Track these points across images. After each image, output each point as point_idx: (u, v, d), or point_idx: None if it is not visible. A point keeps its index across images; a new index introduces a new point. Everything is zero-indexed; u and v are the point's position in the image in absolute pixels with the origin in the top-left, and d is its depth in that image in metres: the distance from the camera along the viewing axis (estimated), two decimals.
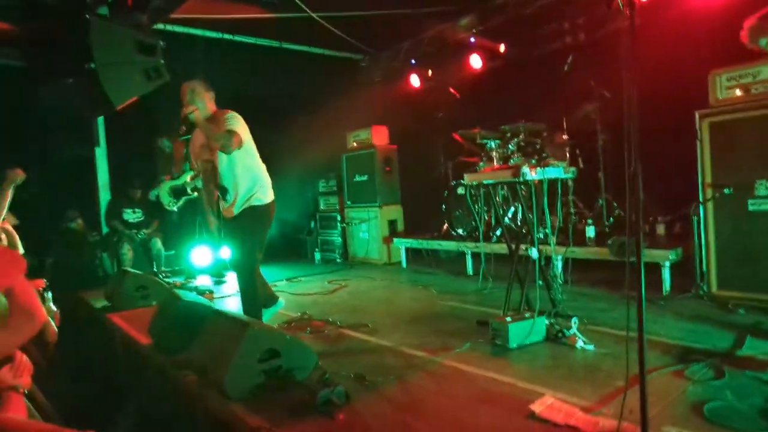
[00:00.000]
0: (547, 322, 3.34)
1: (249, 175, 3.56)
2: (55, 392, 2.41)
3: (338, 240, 7.74)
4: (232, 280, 6.61)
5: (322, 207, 8.14)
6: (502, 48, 6.92)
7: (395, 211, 7.36)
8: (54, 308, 2.79)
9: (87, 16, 5.22)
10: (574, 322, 3.26)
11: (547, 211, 3.59)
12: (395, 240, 6.95)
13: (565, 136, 5.49)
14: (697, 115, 3.95)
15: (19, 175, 3.61)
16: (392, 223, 7.29)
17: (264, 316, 3.66)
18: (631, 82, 1.52)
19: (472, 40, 7.07)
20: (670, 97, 4.50)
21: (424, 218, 7.26)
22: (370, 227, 7.24)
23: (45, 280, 3.53)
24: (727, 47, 2.75)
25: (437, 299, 4.76)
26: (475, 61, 7.14)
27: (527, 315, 3.32)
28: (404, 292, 5.21)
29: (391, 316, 4.19)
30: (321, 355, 2.99)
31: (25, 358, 1.73)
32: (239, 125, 3.41)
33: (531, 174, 3.31)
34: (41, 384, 2.20)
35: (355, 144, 7.71)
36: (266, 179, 3.70)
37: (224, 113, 3.50)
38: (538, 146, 5.20)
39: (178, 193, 5.84)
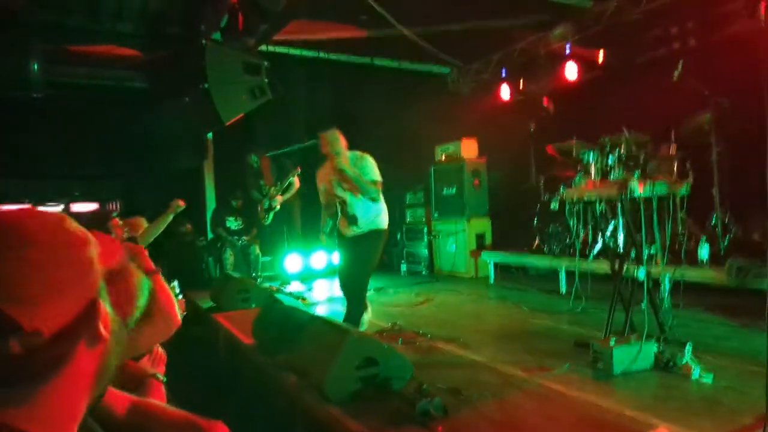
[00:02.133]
0: (655, 348, 3.12)
1: (375, 204, 4.08)
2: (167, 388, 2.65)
3: (424, 252, 7.77)
4: (319, 288, 6.87)
5: (408, 219, 8.22)
6: (600, 57, 6.63)
7: (483, 225, 7.26)
8: (180, 296, 3.07)
9: (203, 42, 5.78)
10: (688, 350, 3.01)
11: (656, 229, 3.38)
12: (483, 254, 6.84)
13: (673, 149, 5.14)
14: None
15: (180, 205, 4.00)
16: (480, 237, 7.20)
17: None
18: None
19: (568, 50, 6.85)
20: None
21: (513, 233, 7.09)
22: (457, 240, 7.20)
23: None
24: None
25: (528, 317, 4.61)
26: (571, 72, 6.89)
27: (633, 339, 3.12)
28: (493, 308, 5.11)
29: (481, 331, 4.13)
30: (414, 366, 3.01)
31: (160, 349, 1.92)
32: (376, 170, 4.02)
33: (639, 190, 3.13)
34: None
35: (443, 157, 7.73)
36: (385, 207, 4.20)
37: (361, 157, 4.10)
38: (641, 159, 4.92)
39: (269, 209, 6.24)
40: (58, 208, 10.02)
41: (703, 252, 4.49)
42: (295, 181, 6.48)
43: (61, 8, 5.73)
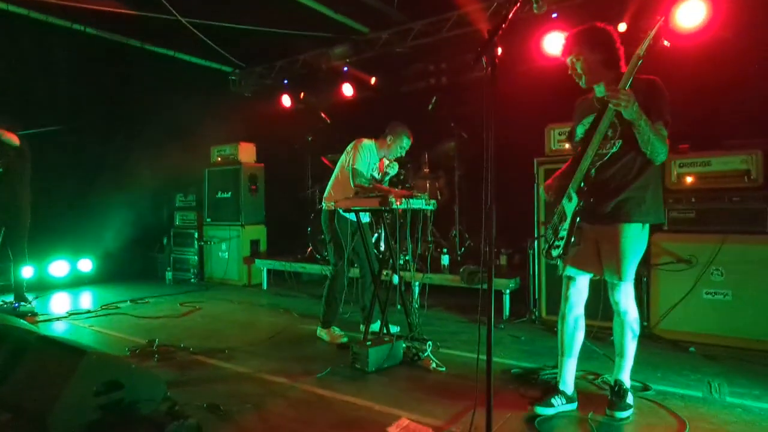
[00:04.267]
0: (404, 345, 3.51)
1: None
2: None
3: (194, 258, 7.24)
4: (59, 301, 5.77)
5: (177, 222, 7.57)
6: (372, 81, 7.25)
7: (258, 231, 7.15)
8: None
9: None
10: (428, 346, 3.48)
11: (409, 239, 3.81)
12: (257, 261, 6.73)
13: (426, 170, 5.93)
14: (535, 162, 4.55)
15: None
16: (255, 243, 7.06)
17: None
18: (490, 134, 1.72)
19: (345, 69, 7.31)
20: (517, 144, 5.09)
21: (288, 240, 7.16)
22: (230, 246, 6.92)
23: None
24: (561, 104, 3.22)
25: (298, 323, 4.70)
26: (347, 90, 7.37)
27: (386, 339, 3.45)
28: (264, 316, 5.05)
29: (249, 341, 4.03)
30: (171, 385, 2.75)
31: None
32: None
33: (397, 203, 3.49)
34: None
35: (219, 159, 7.37)
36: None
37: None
38: (402, 176, 5.54)
39: None
40: None
41: (445, 260, 5.27)
42: (10, 136, 4.96)
43: None
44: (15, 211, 5.00)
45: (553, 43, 5.39)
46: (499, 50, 1.90)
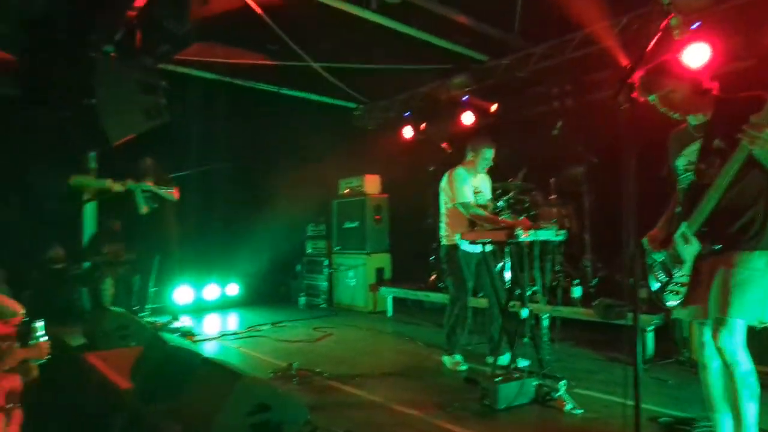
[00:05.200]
0: (535, 382, 3.36)
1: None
2: None
3: (324, 285, 7.70)
4: (211, 323, 6.50)
5: (309, 251, 8.13)
6: (493, 108, 7.21)
7: (383, 260, 7.40)
8: (45, 338, 2.71)
9: (93, 55, 5.36)
10: (562, 385, 3.29)
11: (537, 270, 3.69)
12: (382, 288, 6.95)
13: (552, 197, 5.69)
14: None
15: None
16: (380, 271, 7.31)
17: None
18: (629, 171, 1.63)
19: (465, 98, 7.38)
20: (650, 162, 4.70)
21: (411, 268, 7.30)
22: (357, 274, 7.24)
23: (22, 313, 3.42)
24: None
25: (423, 352, 4.74)
26: (467, 118, 7.41)
27: (517, 375, 3.33)
28: (390, 344, 5.18)
29: (378, 368, 4.15)
30: (309, 409, 2.94)
31: (18, 411, 1.69)
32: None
33: (524, 236, 3.41)
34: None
35: (347, 190, 7.82)
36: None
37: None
38: (527, 204, 5.39)
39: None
40: None
41: (576, 291, 4.97)
42: (173, 192, 5.91)
43: None
44: (166, 243, 5.82)
45: (695, 54, 4.91)
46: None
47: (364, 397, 3.42)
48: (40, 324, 2.83)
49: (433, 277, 6.47)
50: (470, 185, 4.18)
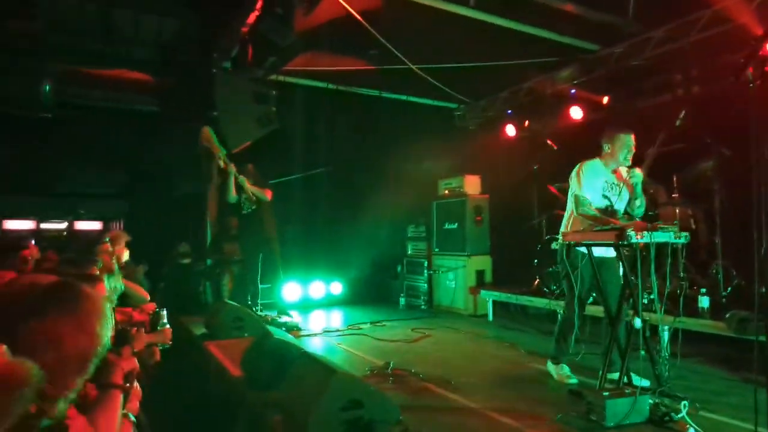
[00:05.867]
0: (651, 401, 3.03)
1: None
2: (151, 414, 2.59)
3: (424, 286, 7.70)
4: (316, 319, 6.80)
5: (409, 252, 8.18)
6: (605, 100, 6.69)
7: (484, 262, 7.20)
8: (167, 326, 3.05)
9: (214, 70, 5.91)
10: (684, 405, 2.92)
11: (653, 277, 3.33)
12: (482, 291, 6.77)
13: (675, 195, 5.12)
14: None
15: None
16: (480, 274, 7.13)
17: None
18: (760, 159, 1.40)
19: (573, 91, 6.93)
20: None
21: (513, 271, 7.02)
22: (457, 276, 7.14)
23: (155, 304, 3.85)
24: None
25: (525, 360, 4.52)
26: (576, 113, 6.95)
27: (628, 391, 3.03)
28: (490, 348, 5.01)
29: (475, 373, 4.04)
30: (402, 409, 2.93)
31: (137, 386, 1.88)
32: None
33: (637, 237, 3.10)
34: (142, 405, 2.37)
35: (446, 192, 7.74)
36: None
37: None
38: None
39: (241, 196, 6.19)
40: (63, 225, 10.11)
41: (704, 301, 4.41)
42: (266, 193, 6.24)
43: (78, 32, 5.90)
44: (267, 240, 6.17)
45: None
46: None
47: (459, 402, 3.34)
48: (164, 313, 3.17)
49: (536, 281, 6.15)
50: (599, 179, 3.84)
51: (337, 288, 7.93)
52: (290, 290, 7.34)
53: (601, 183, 3.82)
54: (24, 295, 1.08)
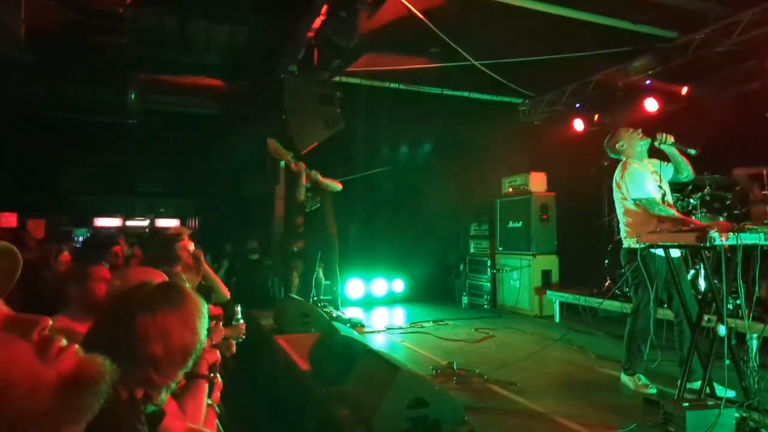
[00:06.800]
0: (737, 414, 2.82)
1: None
2: (227, 403, 2.74)
3: (487, 285, 7.58)
4: (379, 316, 6.88)
5: (472, 250, 8.09)
6: (684, 91, 6.27)
7: (550, 261, 6.98)
8: (241, 320, 3.22)
9: (282, 74, 6.12)
10: None
11: (740, 280, 3.10)
12: (549, 292, 6.56)
13: (765, 192, 4.72)
14: None
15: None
16: (546, 274, 6.92)
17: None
18: None
19: (648, 82, 6.54)
20: None
21: (582, 272, 6.75)
22: (521, 276, 6.97)
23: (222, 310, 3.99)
24: None
25: (595, 364, 4.34)
26: (651, 105, 6.57)
27: (711, 403, 2.84)
28: (557, 351, 4.86)
29: (541, 376, 3.94)
30: (467, 410, 2.92)
31: (219, 379, 2.00)
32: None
33: (721, 239, 2.89)
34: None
35: (510, 189, 7.58)
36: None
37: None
38: (728, 202, 4.58)
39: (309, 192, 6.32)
40: (146, 222, 10.87)
41: None
42: (336, 183, 6.36)
43: (158, 43, 6.31)
44: (327, 238, 6.26)
45: None
46: None
47: (525, 405, 3.27)
48: (239, 308, 3.34)
49: (608, 283, 5.89)
50: (650, 178, 3.69)
51: (399, 285, 7.98)
52: (354, 287, 7.48)
53: (651, 181, 3.64)
54: (139, 291, 1.19)
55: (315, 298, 6.46)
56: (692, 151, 3.65)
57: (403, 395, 2.68)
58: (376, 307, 7.43)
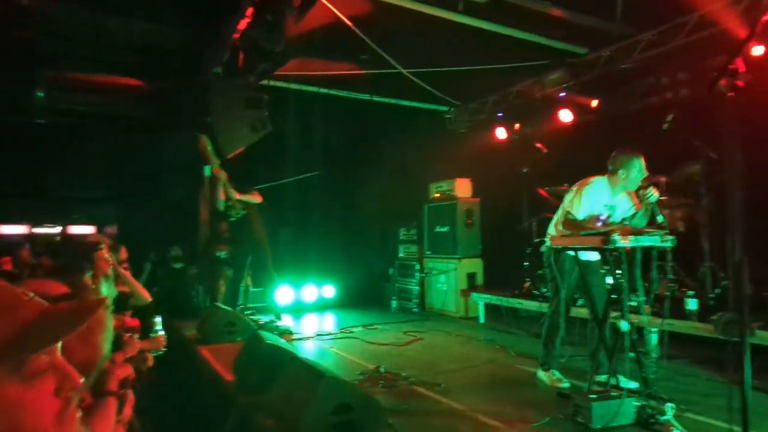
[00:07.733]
0: (637, 403, 3.07)
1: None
2: (144, 417, 2.60)
3: (416, 289, 7.73)
4: (309, 322, 6.81)
5: (401, 254, 8.21)
6: (594, 103, 6.76)
7: (475, 265, 7.24)
8: (161, 332, 3.06)
9: (206, 76, 5.91)
10: (670, 408, 2.97)
11: (639, 279, 3.37)
12: (473, 294, 6.81)
13: (663, 198, 5.18)
14: None
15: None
16: (471, 277, 7.17)
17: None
18: (733, 170, 1.44)
19: (562, 94, 6.99)
20: None
21: (504, 274, 7.06)
22: (448, 279, 7.17)
23: (137, 319, 3.78)
24: None
25: (515, 362, 4.56)
26: (565, 116, 7.02)
27: (615, 393, 3.08)
28: (480, 352, 5.05)
29: (465, 376, 4.08)
30: (391, 413, 2.97)
31: (131, 393, 1.90)
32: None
33: (622, 242, 3.14)
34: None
35: (437, 195, 7.79)
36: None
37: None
38: None
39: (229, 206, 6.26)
40: (56, 230, 10.06)
41: (691, 303, 4.47)
42: (255, 196, 6.35)
43: (69, 38, 5.89)
44: (257, 243, 6.21)
45: None
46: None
47: (448, 405, 3.38)
48: (158, 319, 3.18)
49: (527, 284, 6.20)
50: (599, 204, 3.78)
51: (329, 291, 7.95)
52: (283, 294, 7.35)
53: (600, 207, 3.78)
54: None
55: (242, 306, 6.28)
56: (660, 219, 3.65)
57: (327, 402, 2.67)
58: (306, 314, 7.35)
